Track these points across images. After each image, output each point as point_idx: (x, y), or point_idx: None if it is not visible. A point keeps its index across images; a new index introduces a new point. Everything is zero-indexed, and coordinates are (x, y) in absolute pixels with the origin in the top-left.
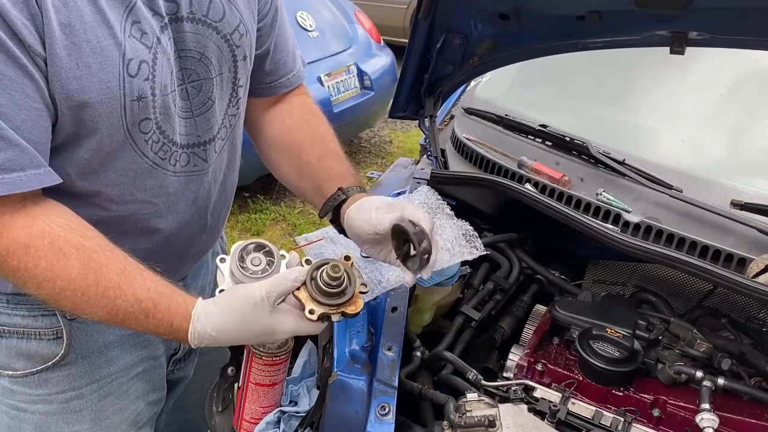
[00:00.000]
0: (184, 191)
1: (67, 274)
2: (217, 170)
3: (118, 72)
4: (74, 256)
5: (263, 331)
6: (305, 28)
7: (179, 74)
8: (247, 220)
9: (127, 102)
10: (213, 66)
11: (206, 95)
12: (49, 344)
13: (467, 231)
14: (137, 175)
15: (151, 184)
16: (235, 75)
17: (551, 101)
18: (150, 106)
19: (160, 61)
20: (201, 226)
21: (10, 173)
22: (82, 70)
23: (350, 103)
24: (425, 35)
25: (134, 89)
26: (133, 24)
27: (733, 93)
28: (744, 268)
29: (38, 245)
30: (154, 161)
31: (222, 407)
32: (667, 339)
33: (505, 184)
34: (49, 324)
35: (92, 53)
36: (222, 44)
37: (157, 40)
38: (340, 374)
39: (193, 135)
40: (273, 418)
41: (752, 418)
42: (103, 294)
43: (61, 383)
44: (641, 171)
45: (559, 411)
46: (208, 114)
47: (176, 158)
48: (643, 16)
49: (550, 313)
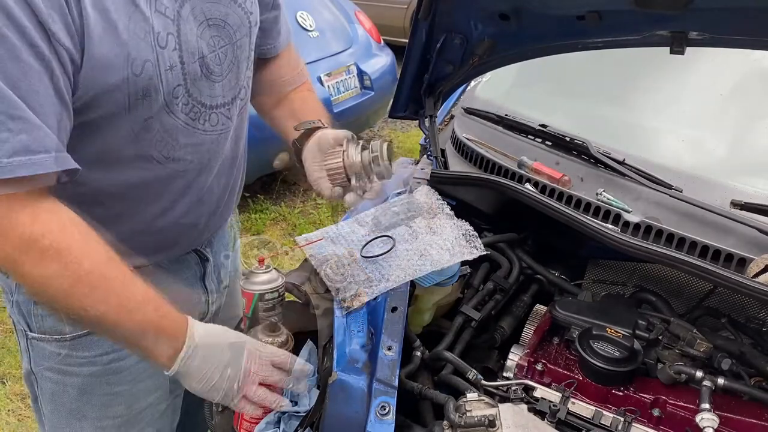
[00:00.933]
0: (216, 148)
1: (95, 256)
2: (238, 129)
3: (152, 46)
4: (100, 245)
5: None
6: (305, 28)
7: (211, 42)
8: (247, 220)
9: (162, 72)
10: (234, 32)
11: (231, 59)
12: None
13: (467, 231)
14: (174, 135)
15: (186, 142)
16: (250, 39)
17: (551, 101)
18: (180, 74)
19: (184, 31)
20: (227, 183)
21: (37, 154)
22: (121, 47)
23: (350, 103)
24: (425, 35)
25: (166, 59)
26: (156, 0)
27: (733, 93)
28: (744, 268)
29: (71, 231)
30: (185, 122)
31: (222, 407)
32: (667, 339)
33: (505, 184)
34: None
35: (126, 30)
36: (239, 12)
37: (177, 14)
38: (340, 374)
39: (221, 96)
40: (273, 418)
41: (752, 418)
42: (122, 282)
43: (104, 344)
44: (641, 171)
45: (559, 411)
46: (231, 75)
47: (205, 118)
48: (643, 16)
49: (550, 313)
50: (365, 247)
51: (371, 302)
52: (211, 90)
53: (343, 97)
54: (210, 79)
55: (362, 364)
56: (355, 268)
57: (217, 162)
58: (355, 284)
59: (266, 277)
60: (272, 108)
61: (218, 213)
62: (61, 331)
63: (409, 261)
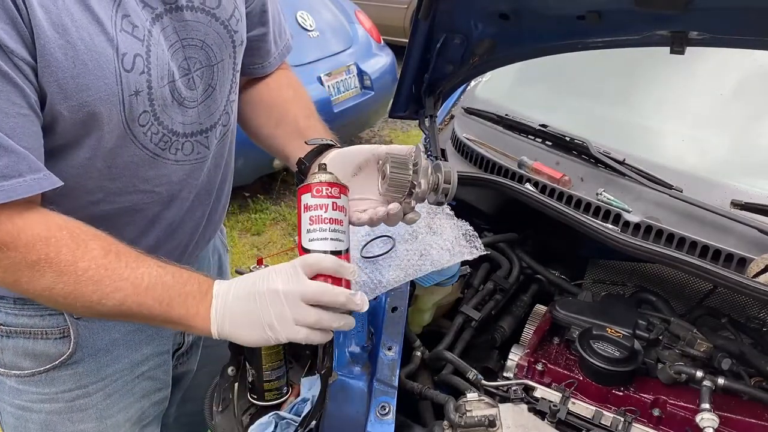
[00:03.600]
0: (188, 179)
1: (89, 255)
2: (218, 156)
3: (115, 68)
4: (93, 242)
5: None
6: (305, 28)
7: (184, 64)
8: (247, 220)
9: (125, 97)
10: (213, 53)
11: (207, 82)
12: (56, 343)
13: (467, 231)
14: (138, 167)
15: (153, 174)
16: (234, 61)
17: (551, 101)
18: (147, 99)
19: (155, 53)
20: (203, 213)
21: (9, 180)
22: (78, 68)
23: (350, 103)
24: (425, 35)
25: (131, 84)
26: (123, 18)
27: (734, 93)
28: (744, 268)
29: (58, 236)
30: (154, 152)
31: (222, 407)
32: (667, 339)
33: (505, 184)
34: (56, 323)
35: (87, 51)
36: (221, 31)
37: (149, 33)
38: (340, 374)
39: (196, 123)
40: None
41: (752, 418)
42: (127, 265)
43: (67, 382)
44: (641, 171)
45: (559, 411)
46: (209, 101)
47: (177, 147)
48: (643, 16)
49: (550, 313)
50: (365, 247)
51: (371, 302)
52: (183, 117)
53: (343, 97)
54: (183, 105)
55: (362, 364)
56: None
57: (191, 193)
58: (355, 284)
59: None
60: (273, 129)
61: (194, 243)
62: (20, 367)
63: (409, 261)
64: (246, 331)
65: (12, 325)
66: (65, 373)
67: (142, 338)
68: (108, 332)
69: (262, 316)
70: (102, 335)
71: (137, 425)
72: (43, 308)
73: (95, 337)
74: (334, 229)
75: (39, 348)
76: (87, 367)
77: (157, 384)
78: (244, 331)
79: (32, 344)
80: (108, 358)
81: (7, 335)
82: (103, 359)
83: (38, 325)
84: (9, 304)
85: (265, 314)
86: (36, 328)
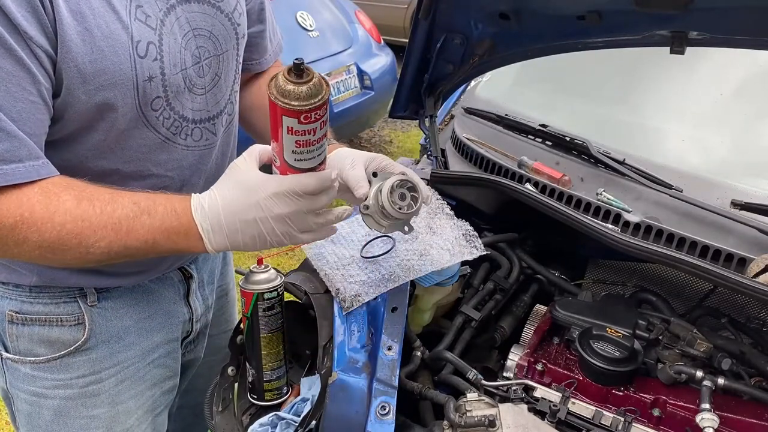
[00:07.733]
0: (198, 164)
1: (62, 207)
2: (224, 145)
3: (129, 54)
4: (65, 192)
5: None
6: (305, 28)
7: (196, 52)
8: None
9: (140, 82)
10: (220, 43)
11: (215, 71)
12: (71, 330)
13: (467, 231)
14: (151, 150)
15: (165, 157)
16: (237, 52)
17: (551, 101)
18: (160, 85)
19: (167, 41)
20: None
21: (8, 164)
22: (96, 54)
23: (350, 103)
24: (425, 35)
25: (145, 69)
26: (137, 8)
27: (734, 93)
28: (744, 267)
29: (30, 194)
30: (166, 136)
31: (222, 407)
32: (667, 339)
33: (505, 184)
34: (70, 310)
35: (104, 37)
36: (226, 22)
37: (161, 22)
38: (340, 374)
39: (204, 110)
40: (269, 420)
41: (752, 418)
42: (102, 211)
43: (81, 367)
44: (641, 171)
45: (559, 411)
46: (215, 89)
47: (187, 132)
48: (643, 16)
49: (550, 312)
50: (365, 247)
51: (371, 302)
52: (194, 103)
53: (343, 96)
54: (193, 92)
55: (362, 364)
56: (355, 268)
57: (200, 178)
58: (355, 284)
59: (265, 277)
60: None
61: None
62: (36, 353)
63: (409, 261)
64: (239, 237)
65: (28, 313)
66: (79, 359)
67: (153, 325)
68: (120, 319)
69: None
70: (115, 322)
71: (150, 414)
72: (58, 296)
73: (108, 324)
74: (320, 146)
75: (54, 335)
76: (100, 353)
77: (167, 372)
78: (238, 237)
79: (47, 331)
80: (120, 344)
81: (23, 323)
82: (116, 345)
83: (53, 313)
84: (25, 293)
85: (256, 212)
86: (51, 315)
